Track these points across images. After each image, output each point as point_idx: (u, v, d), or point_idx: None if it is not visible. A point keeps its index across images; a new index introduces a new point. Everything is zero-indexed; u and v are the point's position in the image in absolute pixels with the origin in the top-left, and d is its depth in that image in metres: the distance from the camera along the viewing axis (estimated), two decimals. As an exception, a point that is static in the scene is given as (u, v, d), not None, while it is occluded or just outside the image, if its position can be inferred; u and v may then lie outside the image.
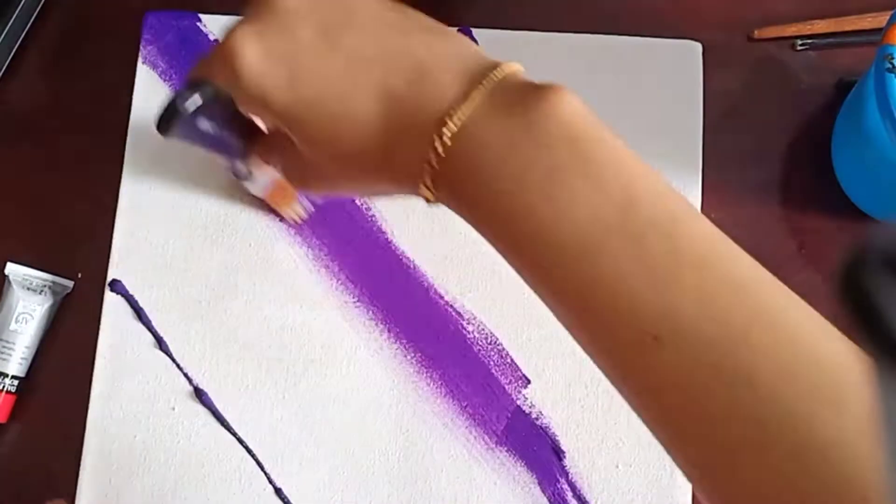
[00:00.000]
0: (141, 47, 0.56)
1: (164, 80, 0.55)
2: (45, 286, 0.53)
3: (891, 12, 0.45)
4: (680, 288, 0.27)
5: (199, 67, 0.37)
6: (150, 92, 0.55)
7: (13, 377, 0.51)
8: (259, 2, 0.34)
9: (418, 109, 0.31)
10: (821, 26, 0.55)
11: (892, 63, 0.44)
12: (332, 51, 0.33)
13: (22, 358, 0.52)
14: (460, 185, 0.31)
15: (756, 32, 0.55)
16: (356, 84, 0.32)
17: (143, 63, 0.55)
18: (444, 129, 0.30)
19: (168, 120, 0.35)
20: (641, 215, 0.28)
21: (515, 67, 0.32)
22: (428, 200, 0.32)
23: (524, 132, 0.29)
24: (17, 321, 0.52)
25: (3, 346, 0.52)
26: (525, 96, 0.30)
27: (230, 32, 0.34)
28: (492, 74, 0.31)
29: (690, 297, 0.27)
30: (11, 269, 0.53)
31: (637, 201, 0.28)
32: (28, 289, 0.52)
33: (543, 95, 0.30)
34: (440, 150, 0.30)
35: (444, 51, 0.32)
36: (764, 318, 0.27)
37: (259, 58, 0.33)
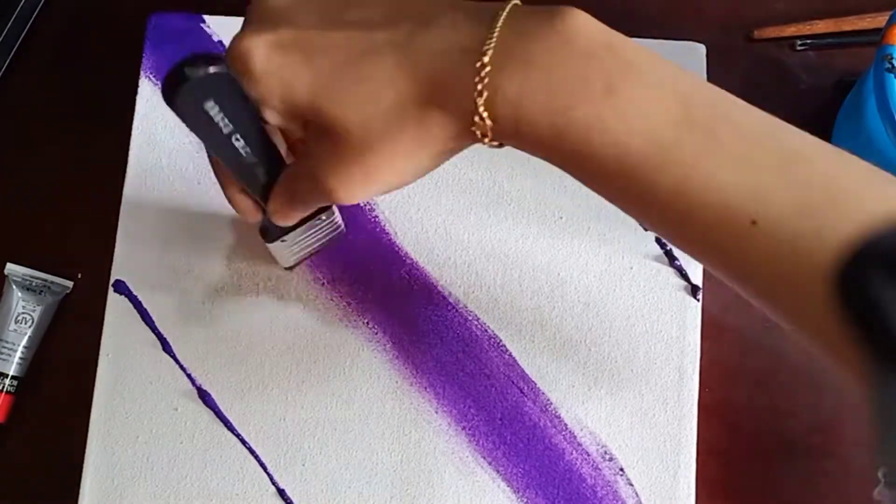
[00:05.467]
0: (144, 48, 0.56)
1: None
2: (44, 286, 0.53)
3: (890, 12, 0.45)
4: (759, 168, 0.28)
5: None
6: (152, 93, 0.55)
7: (12, 377, 0.52)
8: (252, 9, 0.35)
9: (444, 53, 0.31)
10: (820, 26, 0.55)
11: (891, 63, 0.44)
12: (339, 26, 0.33)
13: (21, 358, 0.52)
14: (515, 114, 0.30)
15: (756, 32, 0.55)
16: (373, 43, 0.32)
17: (146, 64, 0.55)
18: (481, 64, 0.30)
19: (174, 84, 0.32)
20: (701, 107, 0.29)
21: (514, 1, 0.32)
22: (483, 137, 0.32)
23: (563, 48, 0.29)
24: (16, 321, 0.52)
25: (3, 347, 0.52)
26: (547, 17, 0.30)
27: (234, 39, 0.34)
28: (500, 6, 0.31)
29: (771, 173, 0.28)
30: (11, 269, 0.53)
31: (690, 95, 0.29)
32: (28, 289, 0.52)
33: (562, 14, 0.30)
34: (482, 85, 0.30)
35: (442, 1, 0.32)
36: (837, 181, 0.28)
37: (270, 50, 0.33)
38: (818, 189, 0.27)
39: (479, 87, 0.30)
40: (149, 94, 0.55)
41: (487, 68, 0.30)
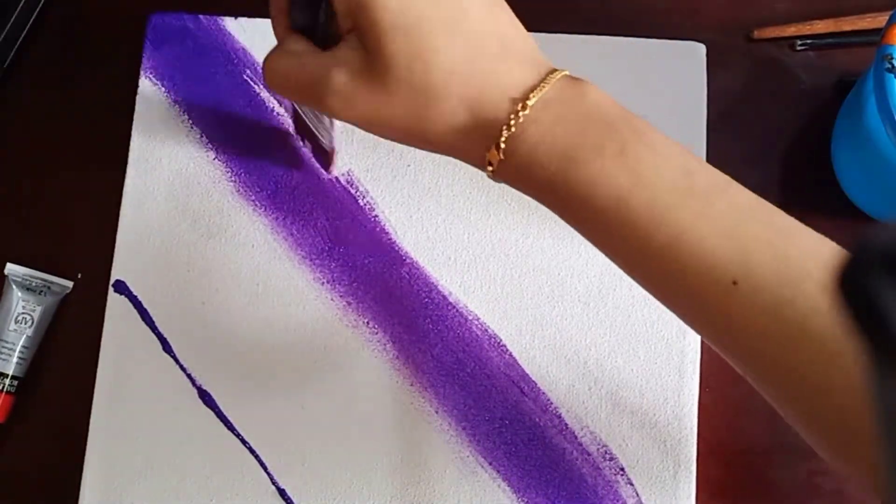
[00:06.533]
0: (144, 49, 0.55)
1: (167, 81, 0.55)
2: (45, 286, 0.53)
3: (890, 12, 0.45)
4: (746, 236, 0.32)
5: None
6: (152, 93, 0.55)
7: (13, 378, 0.51)
8: None
9: (498, 83, 0.34)
10: (820, 26, 0.55)
11: (891, 63, 0.44)
12: None
13: (21, 358, 0.52)
14: (529, 156, 0.34)
15: (756, 32, 0.55)
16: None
17: (146, 64, 0.55)
18: (523, 106, 0.33)
19: None
20: (701, 179, 0.33)
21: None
22: (488, 165, 0.35)
23: (589, 116, 0.34)
24: (16, 321, 0.52)
25: (3, 347, 0.52)
26: (575, 87, 0.34)
27: None
28: (554, 71, 0.35)
29: (755, 243, 0.32)
30: (11, 269, 0.53)
31: (693, 168, 0.33)
32: (28, 289, 0.52)
33: (587, 87, 0.34)
34: (514, 122, 0.33)
35: (524, 34, 0.36)
36: (814, 255, 0.32)
37: None
38: (795, 259, 0.32)
39: (512, 122, 0.33)
40: (149, 94, 0.55)
41: (525, 112, 0.33)
